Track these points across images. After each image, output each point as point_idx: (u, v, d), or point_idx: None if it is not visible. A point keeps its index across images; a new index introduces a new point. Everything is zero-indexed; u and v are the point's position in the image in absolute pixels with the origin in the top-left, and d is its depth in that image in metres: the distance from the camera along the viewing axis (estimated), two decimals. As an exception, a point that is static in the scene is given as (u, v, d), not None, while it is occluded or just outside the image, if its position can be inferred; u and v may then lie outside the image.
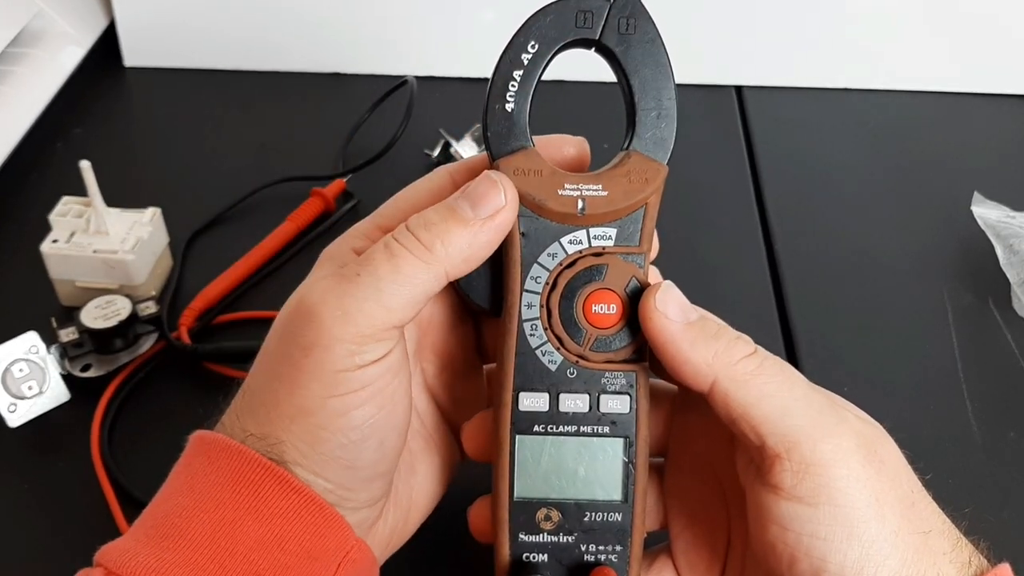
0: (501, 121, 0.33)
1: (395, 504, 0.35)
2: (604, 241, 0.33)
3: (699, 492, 0.36)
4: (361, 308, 0.30)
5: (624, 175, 0.33)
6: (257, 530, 0.30)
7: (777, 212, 0.63)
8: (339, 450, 0.31)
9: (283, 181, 0.62)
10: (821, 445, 0.30)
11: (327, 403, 0.30)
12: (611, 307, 0.33)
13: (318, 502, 0.31)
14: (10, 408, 0.44)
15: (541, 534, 0.34)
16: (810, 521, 0.30)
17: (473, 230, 0.31)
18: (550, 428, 0.33)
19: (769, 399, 0.30)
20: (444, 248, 0.31)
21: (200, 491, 0.31)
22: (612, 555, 0.34)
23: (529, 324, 0.33)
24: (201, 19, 0.74)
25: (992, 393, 0.50)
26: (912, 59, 0.73)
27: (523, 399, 0.33)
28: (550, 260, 0.33)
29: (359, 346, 0.30)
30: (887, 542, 0.29)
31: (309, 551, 0.31)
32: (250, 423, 0.31)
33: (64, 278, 0.53)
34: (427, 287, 0.31)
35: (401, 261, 0.31)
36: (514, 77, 0.32)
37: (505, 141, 0.33)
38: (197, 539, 0.30)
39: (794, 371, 0.32)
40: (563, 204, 0.32)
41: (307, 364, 0.30)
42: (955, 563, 0.30)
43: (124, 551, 0.30)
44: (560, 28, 0.33)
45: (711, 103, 0.73)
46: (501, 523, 0.34)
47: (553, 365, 0.33)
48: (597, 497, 0.34)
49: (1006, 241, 0.57)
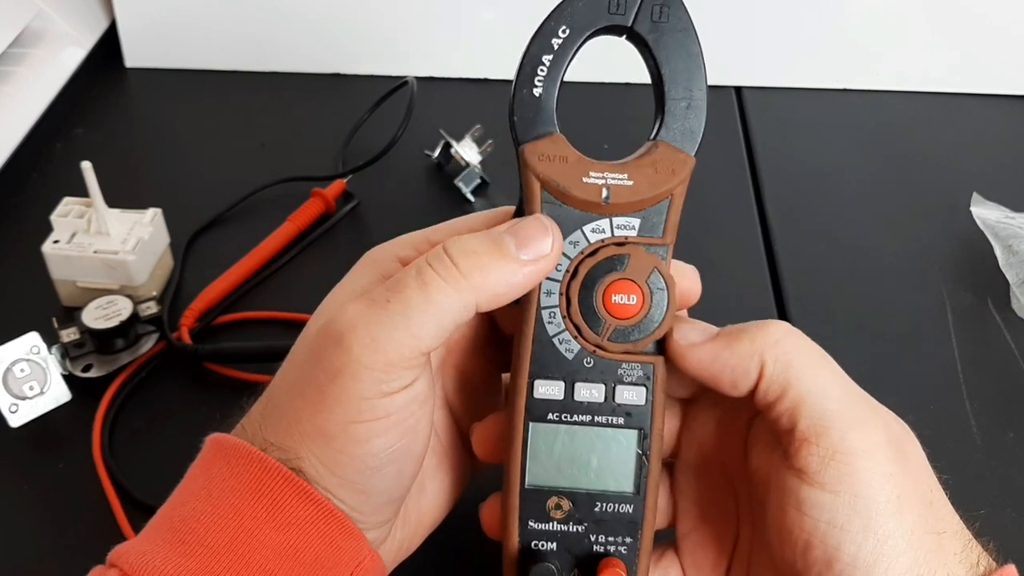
0: (528, 106, 0.32)
1: (403, 522, 0.35)
2: (627, 231, 0.33)
3: (709, 491, 0.36)
4: (391, 337, 0.30)
5: (650, 165, 0.33)
6: (274, 539, 0.30)
7: (777, 212, 0.63)
8: (356, 475, 0.31)
9: (283, 181, 0.62)
10: (851, 434, 0.30)
11: (348, 428, 0.30)
12: (631, 298, 0.33)
13: (336, 514, 0.31)
14: (11, 408, 0.44)
15: (551, 523, 0.34)
16: (829, 508, 0.30)
17: (513, 268, 0.31)
18: (564, 417, 0.33)
19: (808, 380, 0.31)
20: (481, 279, 0.30)
21: (218, 497, 0.31)
22: (622, 547, 0.34)
23: (547, 312, 0.33)
24: (202, 20, 0.74)
25: (991, 393, 0.50)
26: (912, 59, 0.73)
27: (538, 387, 0.33)
28: (572, 248, 0.33)
29: (386, 374, 0.30)
30: (902, 539, 0.29)
31: (324, 561, 0.31)
32: (271, 434, 0.31)
33: (65, 278, 0.53)
34: (457, 317, 0.31)
35: (433, 290, 0.30)
36: (543, 62, 0.32)
37: (532, 126, 0.32)
38: (215, 546, 0.30)
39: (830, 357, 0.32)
40: (587, 192, 0.32)
41: (332, 389, 0.30)
42: (964, 563, 0.30)
43: (141, 553, 0.30)
44: (593, 13, 0.32)
45: (711, 103, 0.72)
46: (511, 510, 0.34)
47: (570, 354, 0.33)
48: (609, 488, 0.34)
49: (1005, 242, 0.57)
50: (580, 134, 0.35)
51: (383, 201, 0.62)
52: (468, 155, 0.63)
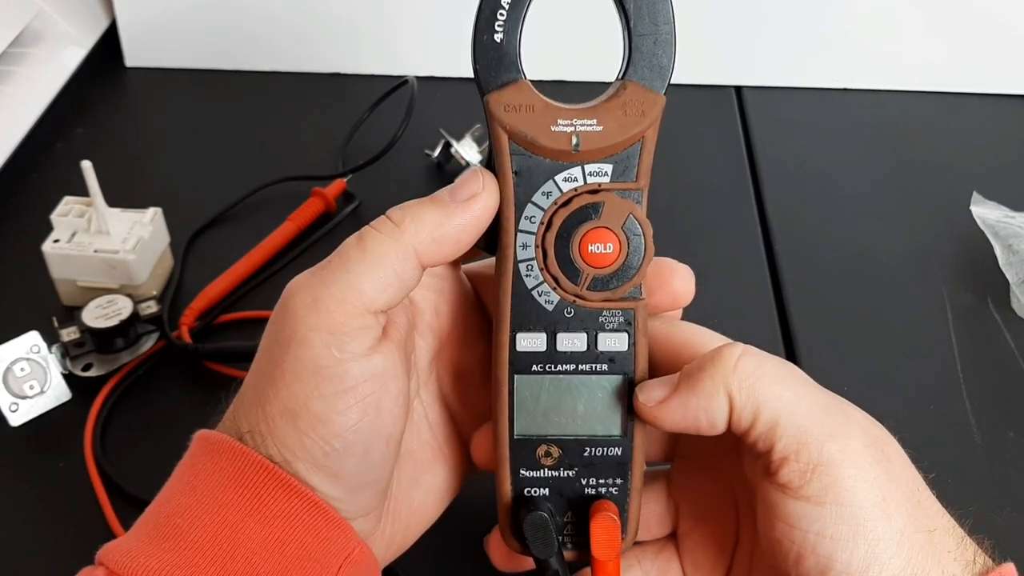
0: (490, 52, 0.31)
1: (394, 516, 0.35)
2: (600, 178, 0.32)
3: (707, 492, 0.36)
4: (331, 294, 0.30)
5: (620, 108, 0.32)
6: (259, 532, 0.30)
7: (777, 212, 0.63)
8: (323, 457, 0.31)
9: (283, 181, 0.62)
10: (828, 445, 0.30)
11: (308, 404, 0.30)
12: (608, 246, 0.32)
13: (320, 505, 0.31)
14: (12, 407, 0.45)
15: (542, 469, 0.34)
16: (817, 520, 0.30)
17: (446, 211, 0.31)
18: (548, 367, 0.33)
19: (776, 400, 0.30)
20: (413, 224, 0.31)
21: (202, 492, 0.31)
22: (612, 488, 0.34)
23: (525, 265, 0.33)
24: (202, 19, 0.74)
25: (991, 393, 0.50)
26: (912, 59, 0.74)
27: (520, 340, 0.33)
28: (544, 199, 0.32)
29: (334, 336, 0.30)
30: (893, 541, 0.29)
31: (310, 553, 0.30)
32: (244, 423, 0.31)
33: (65, 278, 0.53)
34: (396, 266, 0.31)
35: (368, 241, 0.31)
36: (502, 5, 0.31)
37: (495, 74, 0.31)
38: (199, 541, 0.30)
39: (793, 369, 0.32)
40: (556, 140, 0.31)
41: (287, 361, 0.30)
42: (959, 561, 0.30)
43: (126, 552, 0.30)
44: None
45: (711, 103, 0.73)
46: (502, 460, 0.34)
47: (550, 305, 0.33)
48: (597, 433, 0.34)
49: (1005, 241, 0.57)
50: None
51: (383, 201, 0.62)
52: (468, 155, 0.63)
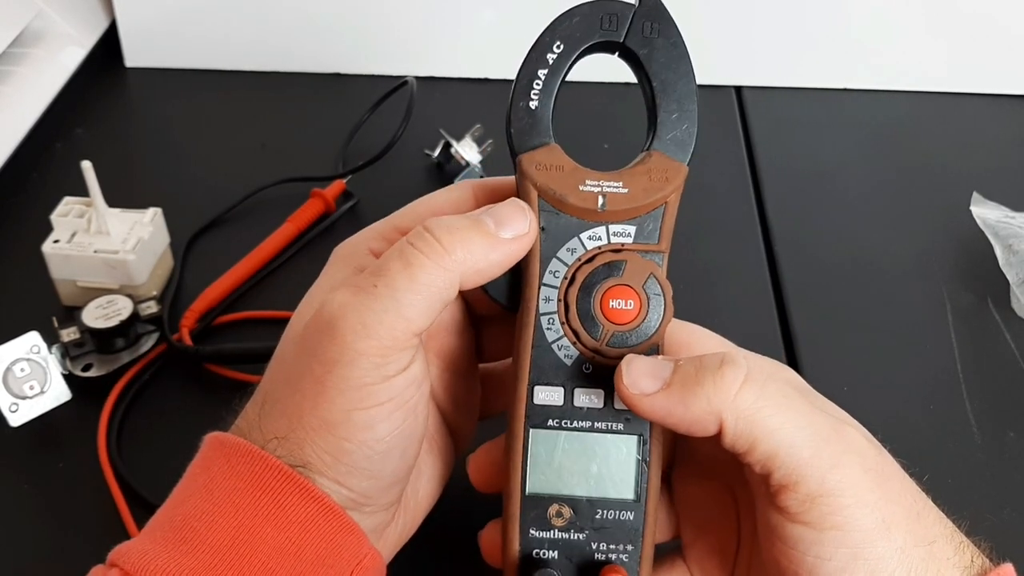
0: (524, 118, 0.33)
1: (404, 507, 0.35)
2: (623, 238, 0.33)
3: (708, 500, 0.36)
4: (382, 321, 0.30)
5: (645, 173, 0.33)
6: (275, 537, 0.30)
7: (777, 212, 0.63)
8: (364, 462, 0.31)
9: (283, 182, 0.62)
10: (829, 476, 0.30)
11: (351, 416, 0.30)
12: (628, 303, 0.33)
13: (335, 511, 0.31)
14: (12, 407, 0.45)
15: (552, 530, 0.34)
16: (816, 543, 0.30)
17: (493, 243, 0.31)
18: (564, 423, 0.33)
19: (775, 433, 0.30)
20: (464, 253, 0.31)
21: (219, 495, 0.31)
22: (623, 554, 0.34)
23: (546, 318, 0.33)
24: (202, 19, 0.74)
25: (991, 393, 0.50)
26: (912, 59, 0.74)
27: (538, 393, 0.33)
28: (569, 255, 0.33)
29: (382, 359, 0.30)
30: (893, 559, 0.30)
31: (324, 559, 0.31)
32: (272, 431, 0.31)
33: (65, 278, 0.53)
34: (443, 294, 0.31)
35: (417, 269, 0.30)
36: (539, 76, 0.33)
37: (528, 137, 0.33)
38: (216, 544, 0.30)
39: (793, 391, 0.31)
40: (584, 200, 0.33)
41: (330, 379, 0.30)
42: (958, 567, 0.30)
43: (143, 552, 0.30)
44: (586, 30, 0.33)
45: (711, 103, 0.73)
46: (512, 518, 0.34)
47: (569, 360, 0.33)
48: (609, 495, 0.34)
49: (1005, 241, 0.57)
50: (580, 134, 0.35)
51: (383, 201, 0.62)
52: (468, 155, 0.63)
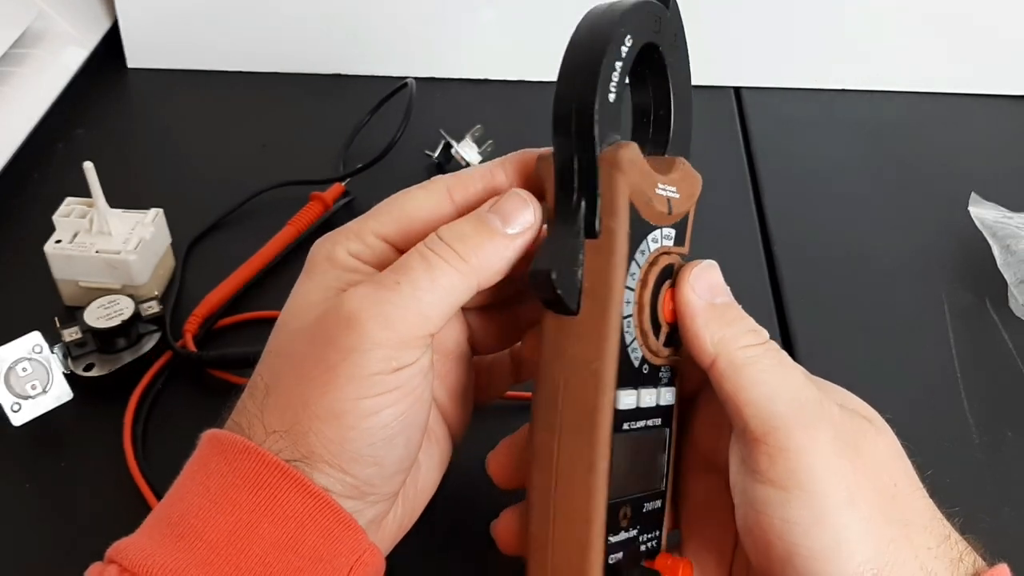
0: (606, 111, 0.30)
1: (403, 498, 0.36)
2: (667, 241, 0.33)
3: (707, 493, 0.36)
4: (403, 316, 0.31)
5: (682, 179, 0.34)
6: (272, 533, 0.30)
7: (776, 212, 0.63)
8: (367, 448, 0.31)
9: (283, 185, 0.62)
10: (797, 433, 0.31)
11: (358, 404, 0.31)
12: None
13: (333, 506, 0.31)
14: (14, 407, 0.45)
15: (619, 532, 0.33)
16: (782, 505, 0.30)
17: (504, 243, 0.32)
18: (631, 425, 0.33)
19: (760, 385, 0.31)
20: (478, 260, 0.32)
21: (216, 492, 0.31)
22: (654, 540, 0.34)
23: (627, 321, 0.32)
24: (203, 21, 0.74)
25: (989, 392, 0.50)
26: (911, 60, 0.74)
27: (621, 397, 0.32)
28: (642, 258, 0.32)
29: (397, 351, 0.31)
30: (858, 529, 0.30)
31: (322, 554, 0.31)
32: (275, 421, 0.32)
33: (67, 278, 0.53)
34: (461, 298, 0.32)
35: (438, 273, 0.31)
36: (616, 68, 0.31)
37: (608, 133, 0.31)
38: (213, 540, 0.30)
39: (795, 365, 0.33)
40: (660, 203, 0.32)
41: (344, 367, 0.31)
42: (942, 559, 0.31)
43: (140, 549, 0.30)
44: (647, 27, 0.32)
45: (710, 104, 0.73)
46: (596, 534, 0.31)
47: (636, 361, 0.32)
48: (653, 487, 0.34)
49: (1003, 241, 0.57)
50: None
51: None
52: (468, 155, 0.63)
